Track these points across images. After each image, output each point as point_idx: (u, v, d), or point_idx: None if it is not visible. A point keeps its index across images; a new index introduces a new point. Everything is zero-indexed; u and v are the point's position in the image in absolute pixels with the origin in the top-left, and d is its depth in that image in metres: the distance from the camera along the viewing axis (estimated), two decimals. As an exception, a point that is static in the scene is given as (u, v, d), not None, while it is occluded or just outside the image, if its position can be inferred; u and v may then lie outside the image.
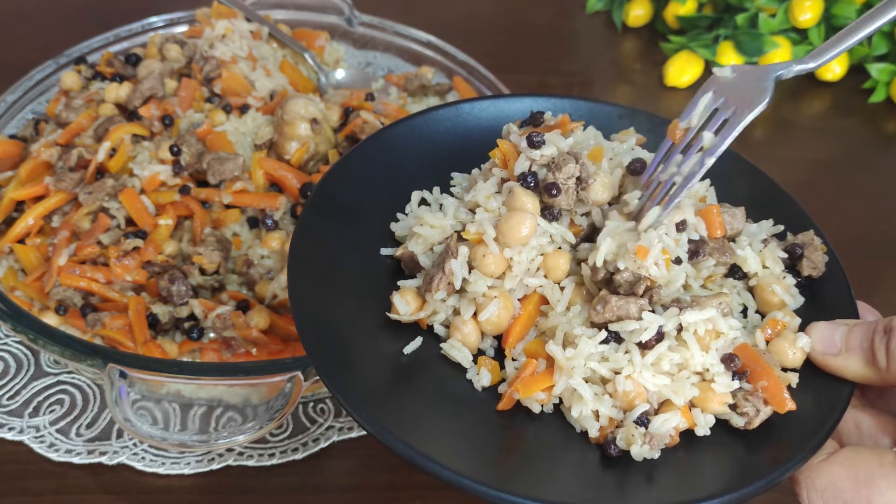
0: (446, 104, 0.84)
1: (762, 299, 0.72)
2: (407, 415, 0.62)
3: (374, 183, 0.78)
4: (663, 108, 1.53)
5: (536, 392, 0.65)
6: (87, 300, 0.99)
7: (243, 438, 0.83)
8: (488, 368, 0.68)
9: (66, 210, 1.05)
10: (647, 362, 0.63)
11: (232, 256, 1.03)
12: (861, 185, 1.39)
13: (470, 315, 0.68)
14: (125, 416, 0.82)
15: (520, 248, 0.68)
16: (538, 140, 0.71)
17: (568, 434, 0.64)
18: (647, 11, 1.68)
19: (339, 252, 0.72)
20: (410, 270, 0.73)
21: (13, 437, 0.95)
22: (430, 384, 0.66)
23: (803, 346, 0.66)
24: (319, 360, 0.63)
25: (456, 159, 0.80)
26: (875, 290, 1.19)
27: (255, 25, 1.29)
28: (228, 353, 0.96)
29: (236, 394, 0.95)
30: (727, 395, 0.64)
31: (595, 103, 0.85)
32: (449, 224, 0.72)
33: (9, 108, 1.19)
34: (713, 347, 0.64)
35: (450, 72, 1.34)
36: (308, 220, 0.72)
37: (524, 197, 0.69)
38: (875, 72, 1.52)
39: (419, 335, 0.69)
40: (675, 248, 0.68)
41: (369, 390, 0.62)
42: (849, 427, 0.66)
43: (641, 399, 0.63)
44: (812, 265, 0.73)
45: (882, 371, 0.62)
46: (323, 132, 1.11)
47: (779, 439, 0.63)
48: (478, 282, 0.68)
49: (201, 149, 1.07)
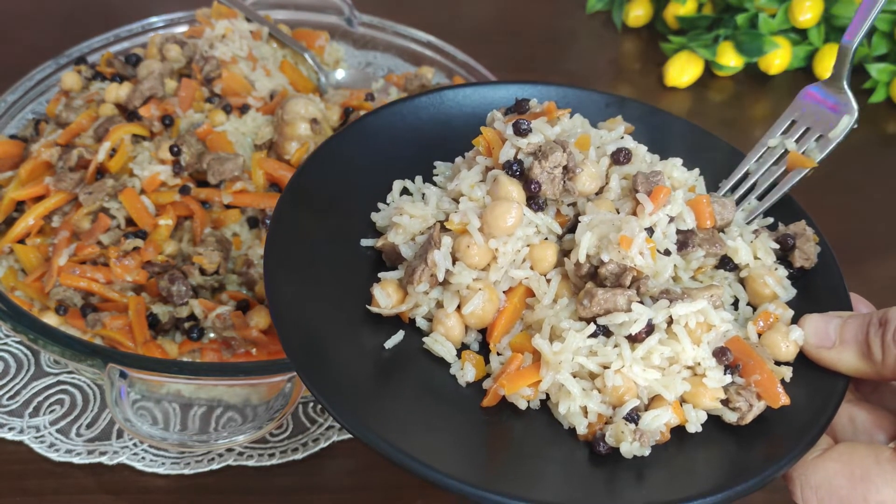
0: (429, 90, 0.81)
1: (754, 291, 0.70)
2: (389, 413, 0.60)
3: (354, 172, 0.75)
4: (663, 109, 1.53)
5: (522, 388, 0.63)
6: (87, 300, 0.99)
7: (243, 438, 0.83)
8: (472, 363, 0.66)
9: (66, 210, 1.05)
10: (637, 356, 0.61)
11: (232, 256, 1.03)
12: (861, 185, 1.39)
13: (454, 308, 0.66)
14: (125, 416, 0.82)
15: (505, 239, 0.66)
16: (525, 128, 0.69)
17: (556, 431, 0.63)
18: (647, 11, 1.68)
19: (317, 244, 0.69)
20: (392, 262, 0.71)
21: (13, 437, 0.95)
22: (413, 380, 0.64)
23: (796, 338, 0.65)
24: (297, 357, 0.61)
25: (439, 147, 0.78)
26: (875, 291, 1.18)
27: (255, 25, 1.29)
28: (228, 353, 0.96)
29: (236, 394, 0.95)
30: (719, 390, 0.62)
31: (582, 91, 0.83)
32: (431, 213, 0.70)
33: (9, 108, 1.19)
34: (705, 341, 0.63)
35: (450, 72, 1.34)
36: (284, 212, 0.69)
37: (509, 185, 0.67)
38: (875, 72, 1.52)
39: (401, 329, 0.67)
40: (664, 239, 0.67)
41: (350, 388, 0.60)
42: (843, 422, 0.64)
43: (631, 394, 0.62)
44: (804, 256, 0.72)
45: (877, 364, 0.61)
46: (323, 132, 1.11)
47: (772, 435, 0.62)
48: (462, 273, 0.66)
49: (201, 149, 1.07)
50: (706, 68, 1.56)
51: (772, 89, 1.55)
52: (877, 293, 0.76)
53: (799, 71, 1.58)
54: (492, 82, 0.85)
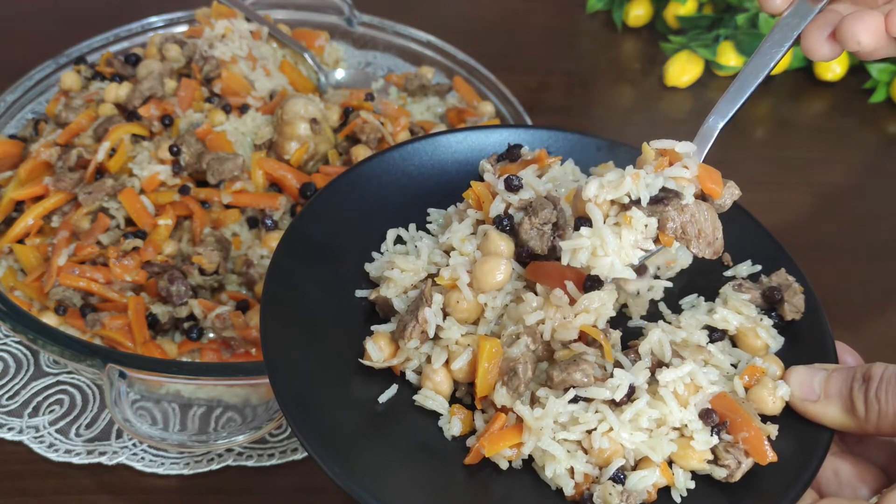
0: (422, 136, 0.83)
1: (746, 345, 0.71)
2: (375, 465, 0.60)
3: (349, 220, 0.76)
4: (664, 109, 1.53)
5: (503, 449, 0.63)
6: (86, 300, 0.99)
7: (243, 438, 0.83)
8: (460, 418, 0.66)
9: (66, 210, 1.05)
10: (624, 419, 0.62)
11: (231, 256, 1.03)
12: (861, 185, 1.39)
13: (441, 363, 0.67)
14: (124, 416, 0.82)
15: (494, 294, 0.67)
16: (516, 184, 0.71)
17: (543, 490, 0.63)
18: (647, 11, 1.68)
19: (312, 294, 0.71)
20: (385, 314, 0.72)
21: (13, 437, 0.95)
22: (403, 433, 0.65)
23: (783, 395, 0.65)
24: (289, 408, 0.61)
25: (433, 194, 0.79)
26: (875, 291, 1.18)
27: (255, 25, 1.29)
28: (228, 353, 0.96)
29: (236, 394, 0.94)
30: (707, 451, 0.63)
31: (573, 134, 0.84)
32: (423, 267, 0.71)
33: (8, 108, 1.19)
34: (692, 403, 0.63)
35: (450, 72, 1.34)
36: (281, 262, 0.71)
37: (499, 241, 0.68)
38: (875, 72, 1.52)
39: (394, 382, 0.68)
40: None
41: (338, 439, 0.61)
42: (828, 475, 0.65)
43: (618, 455, 0.62)
44: (794, 309, 0.73)
45: (860, 420, 0.62)
46: (322, 132, 1.11)
47: (759, 490, 0.62)
48: (451, 329, 0.67)
49: (201, 149, 1.07)
50: (706, 68, 1.56)
51: (772, 89, 1.55)
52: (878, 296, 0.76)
53: (799, 71, 1.58)
54: (484, 126, 0.86)
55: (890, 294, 1.18)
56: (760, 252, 0.78)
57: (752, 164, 1.38)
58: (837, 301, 0.79)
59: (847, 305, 1.14)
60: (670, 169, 0.66)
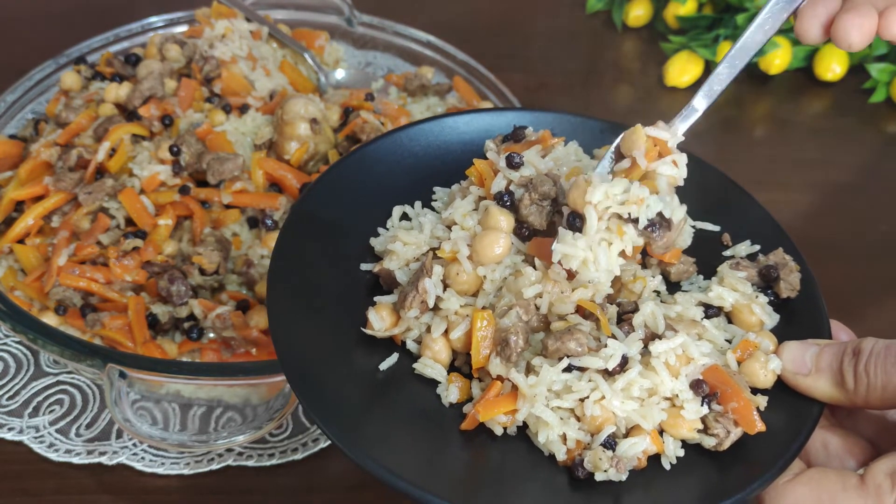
0: (430, 118, 0.84)
1: (741, 321, 0.71)
2: (378, 431, 0.62)
3: (355, 198, 0.78)
4: (664, 109, 1.53)
5: (498, 415, 0.64)
6: (86, 300, 0.99)
7: (243, 438, 0.84)
8: (458, 386, 0.67)
9: (66, 210, 1.05)
10: (616, 388, 0.63)
11: (232, 256, 1.03)
12: (861, 185, 1.39)
13: (440, 333, 0.68)
14: (125, 416, 0.82)
15: (493, 267, 0.69)
16: (517, 161, 0.72)
17: (536, 456, 0.64)
18: (647, 11, 1.68)
19: (318, 269, 0.72)
20: (388, 286, 0.73)
21: (13, 437, 0.95)
22: (403, 400, 0.66)
23: (774, 368, 0.66)
24: (294, 377, 0.63)
25: (439, 173, 0.80)
26: (875, 291, 1.19)
27: (255, 25, 1.29)
28: (228, 353, 0.96)
29: (236, 394, 0.95)
30: (696, 421, 0.64)
31: (577, 117, 0.85)
32: (425, 241, 0.72)
33: (9, 108, 1.19)
34: (683, 373, 0.64)
35: (450, 72, 1.34)
36: (287, 238, 0.72)
37: (499, 216, 0.70)
38: (875, 72, 1.52)
39: (395, 351, 0.69)
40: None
41: (342, 407, 0.63)
42: (817, 447, 0.66)
43: (609, 423, 0.63)
44: (790, 287, 0.73)
45: (849, 393, 0.63)
46: (323, 132, 1.11)
47: (748, 459, 0.63)
48: (451, 300, 0.68)
49: (201, 149, 1.07)
50: (706, 68, 1.56)
51: (772, 89, 1.55)
52: (877, 296, 0.76)
53: (799, 71, 1.58)
54: (492, 109, 0.87)
55: (890, 293, 1.18)
56: (760, 233, 0.79)
57: (751, 163, 1.38)
58: (837, 300, 0.79)
59: (847, 305, 1.13)
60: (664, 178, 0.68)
